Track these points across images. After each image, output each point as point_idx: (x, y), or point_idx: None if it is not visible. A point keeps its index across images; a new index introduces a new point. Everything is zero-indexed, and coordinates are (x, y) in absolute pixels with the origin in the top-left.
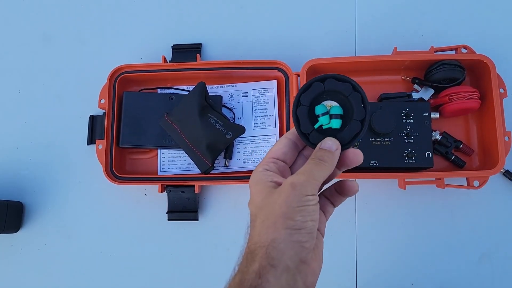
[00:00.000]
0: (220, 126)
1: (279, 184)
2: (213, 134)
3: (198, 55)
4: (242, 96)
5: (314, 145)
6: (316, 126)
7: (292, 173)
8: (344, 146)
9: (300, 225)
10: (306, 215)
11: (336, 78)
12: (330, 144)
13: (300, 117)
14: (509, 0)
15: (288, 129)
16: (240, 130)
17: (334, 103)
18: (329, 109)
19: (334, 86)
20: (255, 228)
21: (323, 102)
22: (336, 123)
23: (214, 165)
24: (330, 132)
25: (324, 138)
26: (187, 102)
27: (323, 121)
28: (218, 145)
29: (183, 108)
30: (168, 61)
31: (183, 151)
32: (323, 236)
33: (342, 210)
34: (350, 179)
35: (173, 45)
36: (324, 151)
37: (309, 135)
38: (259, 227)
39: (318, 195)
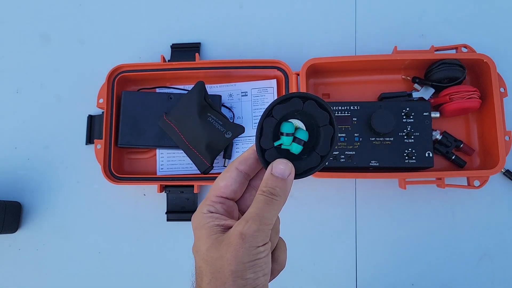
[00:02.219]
0: (219, 125)
1: (226, 228)
2: (213, 134)
3: (197, 54)
4: (242, 96)
5: (267, 164)
6: (276, 143)
7: (240, 209)
8: (329, 154)
9: (252, 284)
10: (258, 271)
11: (318, 103)
12: (283, 169)
13: (265, 129)
14: None
15: None
16: (240, 129)
17: (302, 126)
18: (295, 131)
19: (312, 110)
20: None
21: (292, 121)
22: (296, 148)
23: (213, 165)
24: (287, 156)
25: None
26: (186, 101)
27: (285, 141)
28: (217, 145)
29: (182, 108)
30: (167, 61)
31: (182, 151)
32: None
33: (342, 210)
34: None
35: (172, 44)
36: (275, 179)
37: (265, 152)
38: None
39: None
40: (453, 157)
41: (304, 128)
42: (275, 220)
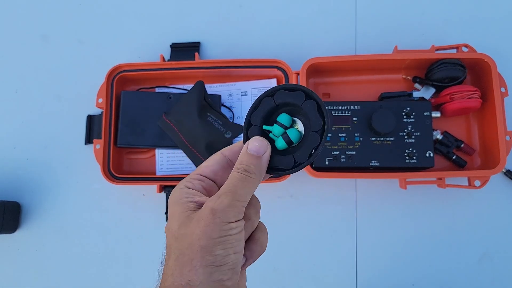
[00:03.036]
0: (219, 125)
1: (200, 205)
2: (212, 134)
3: (196, 54)
4: (241, 95)
5: (246, 140)
6: (265, 127)
7: None
8: (303, 164)
9: (221, 261)
10: (228, 248)
11: (318, 106)
12: (258, 146)
13: (261, 106)
14: None
15: None
16: (240, 129)
17: (300, 128)
18: (289, 127)
19: (309, 111)
20: (168, 266)
21: (294, 118)
22: (280, 144)
23: None
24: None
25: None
26: (186, 101)
27: (275, 131)
28: (217, 145)
29: (182, 108)
30: (166, 60)
31: (182, 151)
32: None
33: (342, 210)
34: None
35: (172, 44)
36: (250, 156)
37: (250, 127)
38: (173, 265)
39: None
40: (453, 157)
41: (302, 131)
42: (249, 198)
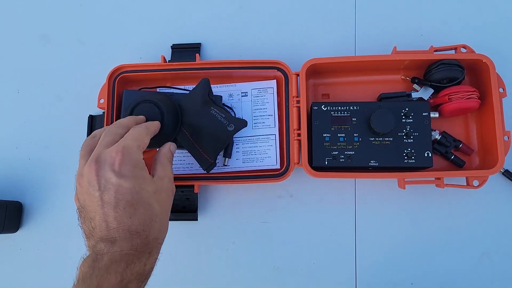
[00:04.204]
0: (222, 118)
1: None
2: (215, 126)
3: (197, 54)
4: (242, 96)
5: None
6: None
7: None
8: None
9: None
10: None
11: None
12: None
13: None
14: None
15: (287, 128)
16: (242, 123)
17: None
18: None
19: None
20: None
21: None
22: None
23: (216, 162)
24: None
25: None
26: (191, 97)
27: None
28: (220, 139)
29: (186, 104)
30: (167, 61)
31: (183, 151)
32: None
33: (342, 210)
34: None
35: (172, 44)
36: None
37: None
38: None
39: None
40: (452, 157)
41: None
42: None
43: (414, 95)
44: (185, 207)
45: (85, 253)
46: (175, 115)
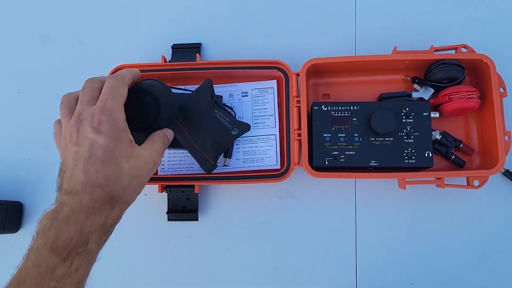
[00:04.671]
0: (226, 122)
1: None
2: (219, 130)
3: (197, 54)
4: (242, 96)
5: None
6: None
7: None
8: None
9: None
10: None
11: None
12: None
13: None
14: None
15: (288, 128)
16: (246, 127)
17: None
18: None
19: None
20: None
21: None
22: None
23: (217, 164)
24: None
25: None
26: (193, 99)
27: None
28: (223, 142)
29: (189, 105)
30: (167, 61)
31: (183, 151)
32: None
33: (342, 210)
34: None
35: (173, 44)
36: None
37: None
38: None
39: None
40: (452, 157)
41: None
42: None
43: (415, 95)
44: (186, 207)
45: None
46: (170, 103)
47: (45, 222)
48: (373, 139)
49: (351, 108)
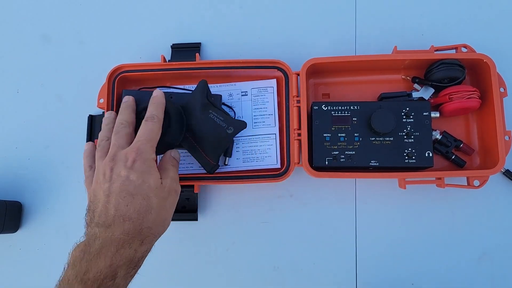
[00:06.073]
0: (220, 121)
1: None
2: (215, 130)
3: (197, 54)
4: (242, 95)
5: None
6: None
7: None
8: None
9: None
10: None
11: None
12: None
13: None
14: None
15: (288, 128)
16: (242, 125)
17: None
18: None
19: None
20: None
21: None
22: None
23: (219, 164)
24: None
25: None
26: (190, 101)
27: None
28: (220, 141)
29: (187, 107)
30: (167, 61)
31: (182, 151)
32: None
33: (342, 210)
34: None
35: (172, 44)
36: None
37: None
38: None
39: None
40: (453, 157)
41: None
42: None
43: (415, 95)
44: (185, 207)
45: (79, 239)
46: (180, 120)
47: (77, 254)
48: (373, 139)
49: (351, 108)
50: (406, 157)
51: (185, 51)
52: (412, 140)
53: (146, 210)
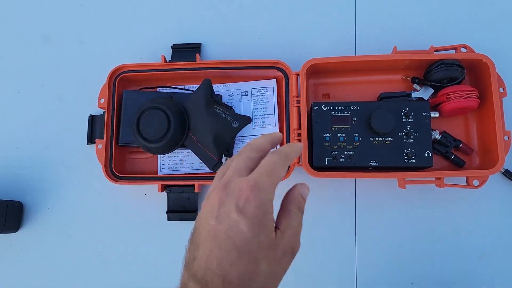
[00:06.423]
0: (226, 115)
1: None
2: (220, 124)
3: (197, 54)
4: (242, 95)
5: None
6: None
7: None
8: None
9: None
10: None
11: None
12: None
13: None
14: None
15: (288, 128)
16: (247, 119)
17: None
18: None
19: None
20: None
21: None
22: None
23: (222, 161)
24: None
25: None
26: (193, 98)
27: None
28: (225, 136)
29: (190, 105)
30: (167, 61)
31: (183, 150)
32: None
33: (342, 210)
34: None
35: (173, 44)
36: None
37: None
38: None
39: None
40: (452, 157)
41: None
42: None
43: (414, 95)
44: (186, 207)
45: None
46: (182, 121)
47: None
48: (373, 139)
49: (351, 108)
50: (406, 157)
51: (185, 51)
52: (412, 140)
53: (249, 278)
